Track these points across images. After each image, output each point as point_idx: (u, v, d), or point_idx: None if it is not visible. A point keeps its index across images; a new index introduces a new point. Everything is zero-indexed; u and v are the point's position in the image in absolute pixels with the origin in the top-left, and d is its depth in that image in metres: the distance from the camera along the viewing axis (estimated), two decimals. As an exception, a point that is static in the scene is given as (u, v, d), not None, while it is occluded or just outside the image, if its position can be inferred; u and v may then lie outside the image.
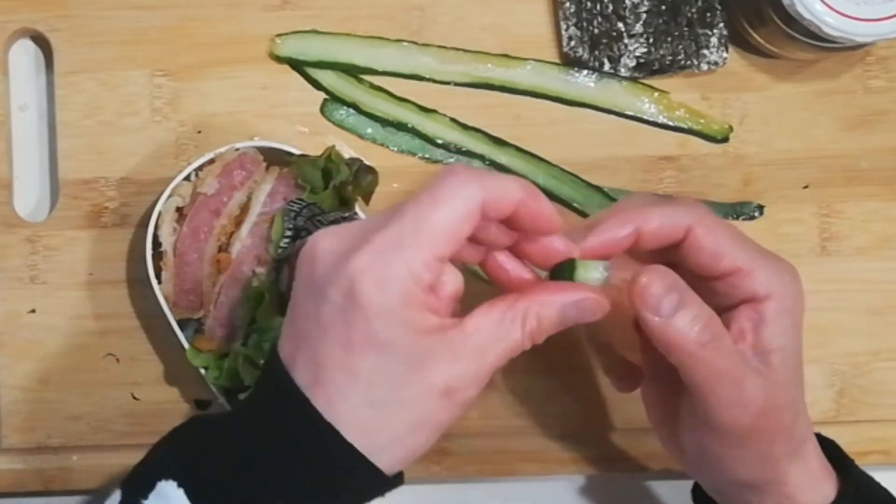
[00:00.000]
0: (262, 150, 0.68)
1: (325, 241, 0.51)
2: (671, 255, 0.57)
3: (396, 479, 0.52)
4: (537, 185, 0.70)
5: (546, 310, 0.52)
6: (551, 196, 0.71)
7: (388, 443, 0.50)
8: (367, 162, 0.67)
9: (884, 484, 0.61)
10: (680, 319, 0.53)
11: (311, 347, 0.50)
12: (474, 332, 0.51)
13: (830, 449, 0.60)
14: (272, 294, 0.65)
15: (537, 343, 0.53)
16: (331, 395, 0.50)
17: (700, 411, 0.56)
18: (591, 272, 0.53)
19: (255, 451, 0.51)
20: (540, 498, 0.72)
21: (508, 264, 0.54)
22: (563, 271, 0.53)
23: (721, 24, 0.72)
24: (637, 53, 0.71)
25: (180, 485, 0.51)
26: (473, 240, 0.52)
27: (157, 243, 0.67)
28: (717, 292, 0.56)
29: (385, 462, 0.50)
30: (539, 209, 0.52)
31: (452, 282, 0.52)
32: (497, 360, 0.51)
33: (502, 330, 0.51)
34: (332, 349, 0.50)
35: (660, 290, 0.53)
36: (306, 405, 0.50)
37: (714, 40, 0.71)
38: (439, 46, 0.72)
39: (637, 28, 0.72)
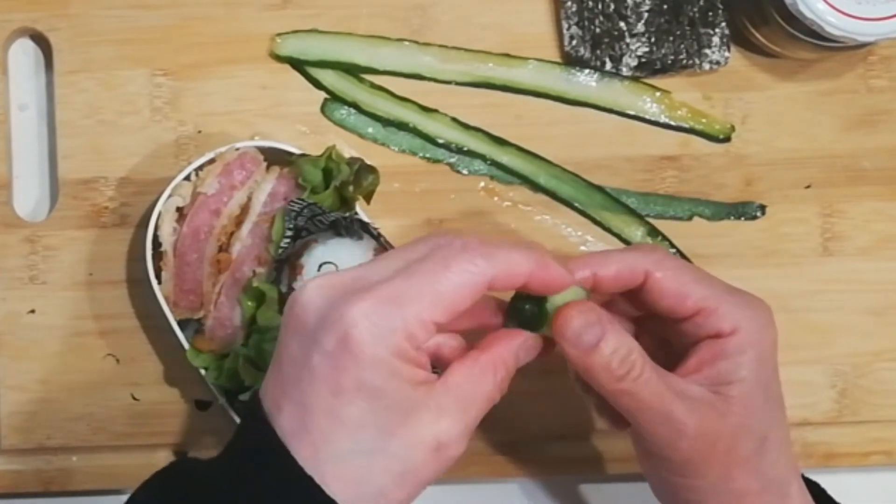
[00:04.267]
0: (262, 149, 0.68)
1: (316, 289, 0.51)
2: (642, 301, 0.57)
3: None
4: (538, 184, 0.71)
5: (508, 358, 0.53)
6: (552, 196, 0.71)
7: (372, 495, 0.50)
8: (367, 161, 0.67)
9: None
10: (598, 353, 0.53)
11: (299, 392, 0.50)
12: (455, 386, 0.51)
13: (815, 492, 0.59)
14: (272, 294, 0.65)
15: (503, 393, 0.53)
16: (317, 441, 0.50)
17: (641, 442, 0.57)
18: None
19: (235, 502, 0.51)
20: (542, 499, 0.71)
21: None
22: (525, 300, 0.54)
23: (723, 24, 0.71)
24: (639, 53, 0.71)
25: None
26: None
27: (157, 243, 0.67)
28: (686, 333, 0.56)
29: None
30: (550, 278, 0.53)
31: (446, 345, 0.53)
32: (479, 414, 0.52)
33: (479, 383, 0.52)
34: (320, 394, 0.49)
35: (580, 324, 0.53)
36: (287, 456, 0.50)
37: (716, 39, 0.71)
38: (440, 46, 0.72)
39: (639, 27, 0.71)
